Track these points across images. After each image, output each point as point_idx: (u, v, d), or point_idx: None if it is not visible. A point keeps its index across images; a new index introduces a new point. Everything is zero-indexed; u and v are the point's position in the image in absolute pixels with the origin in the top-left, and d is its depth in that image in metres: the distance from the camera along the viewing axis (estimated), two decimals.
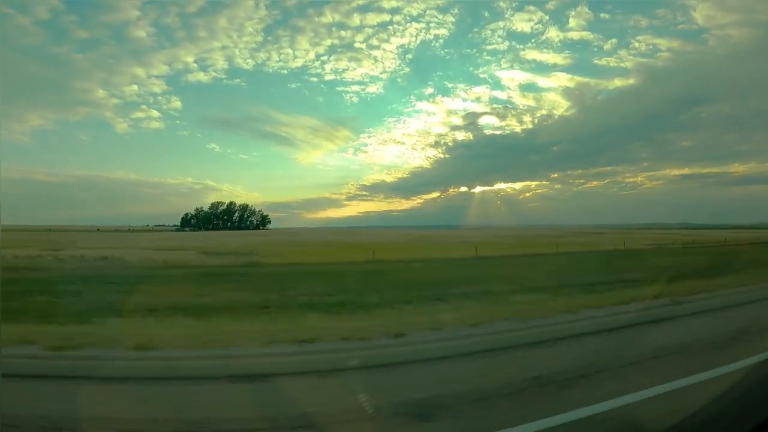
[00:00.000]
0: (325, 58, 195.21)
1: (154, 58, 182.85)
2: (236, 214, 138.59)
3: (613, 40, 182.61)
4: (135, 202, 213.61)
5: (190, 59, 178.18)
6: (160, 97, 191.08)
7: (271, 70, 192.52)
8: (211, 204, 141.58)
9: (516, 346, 5.51)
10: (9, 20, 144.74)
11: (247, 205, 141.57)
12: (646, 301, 8.52)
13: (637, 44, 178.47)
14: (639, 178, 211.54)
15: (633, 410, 3.41)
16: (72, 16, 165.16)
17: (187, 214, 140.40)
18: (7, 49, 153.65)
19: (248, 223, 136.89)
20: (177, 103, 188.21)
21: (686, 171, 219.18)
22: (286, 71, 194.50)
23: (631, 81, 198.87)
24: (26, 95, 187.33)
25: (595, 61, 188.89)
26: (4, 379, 4.01)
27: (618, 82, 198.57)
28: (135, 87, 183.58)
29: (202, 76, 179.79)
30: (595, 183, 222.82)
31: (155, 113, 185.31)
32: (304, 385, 4.25)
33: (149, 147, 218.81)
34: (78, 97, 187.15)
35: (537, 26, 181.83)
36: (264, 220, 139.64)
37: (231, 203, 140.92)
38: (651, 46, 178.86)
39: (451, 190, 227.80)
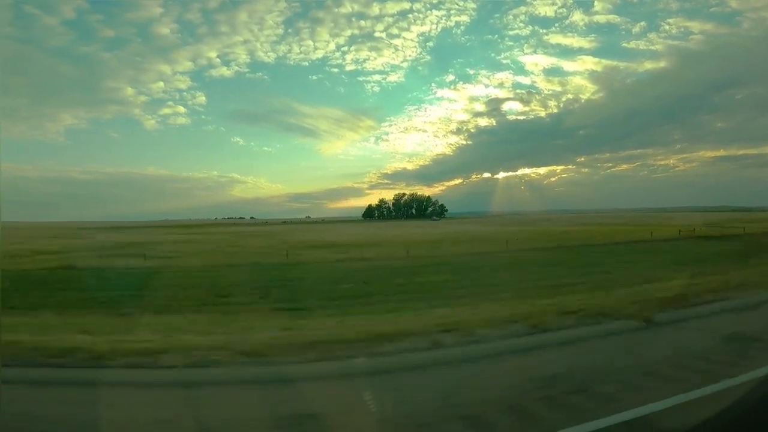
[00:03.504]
0: (345, 48, 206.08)
1: (179, 55, 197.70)
2: (416, 204, 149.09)
3: (642, 23, 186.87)
4: (165, 197, 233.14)
5: (213, 54, 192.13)
6: (185, 93, 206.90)
7: (292, 63, 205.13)
8: (395, 195, 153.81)
9: None
10: (37, 21, 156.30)
11: (428, 197, 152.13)
12: None
13: (667, 27, 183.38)
14: (671, 161, 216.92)
15: None
16: (97, 15, 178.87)
17: (370, 206, 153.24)
18: (38, 51, 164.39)
19: (428, 212, 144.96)
20: (202, 99, 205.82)
21: (722, 153, 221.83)
22: (307, 63, 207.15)
23: (662, 64, 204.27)
24: (59, 95, 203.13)
25: (623, 45, 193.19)
26: None
27: (648, 65, 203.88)
28: (161, 84, 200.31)
29: (225, 71, 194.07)
30: (624, 166, 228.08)
31: (181, 109, 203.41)
32: None
33: (177, 143, 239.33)
34: (108, 96, 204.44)
35: (561, 10, 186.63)
36: (442, 209, 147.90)
37: (413, 194, 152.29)
38: (683, 29, 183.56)
39: (474, 176, 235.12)
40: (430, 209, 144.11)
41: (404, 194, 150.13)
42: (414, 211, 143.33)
